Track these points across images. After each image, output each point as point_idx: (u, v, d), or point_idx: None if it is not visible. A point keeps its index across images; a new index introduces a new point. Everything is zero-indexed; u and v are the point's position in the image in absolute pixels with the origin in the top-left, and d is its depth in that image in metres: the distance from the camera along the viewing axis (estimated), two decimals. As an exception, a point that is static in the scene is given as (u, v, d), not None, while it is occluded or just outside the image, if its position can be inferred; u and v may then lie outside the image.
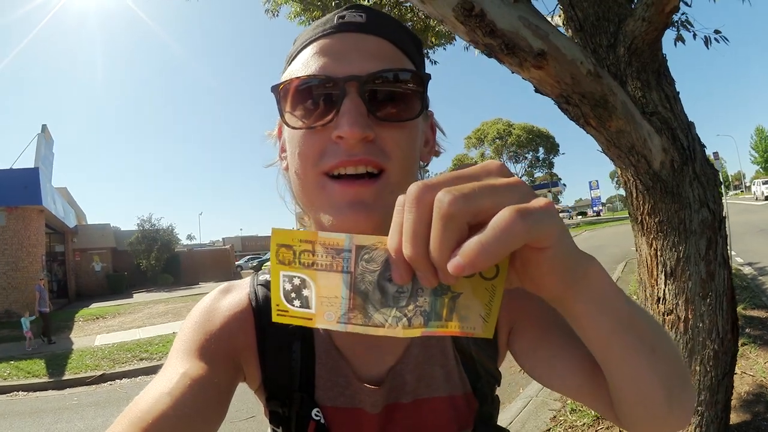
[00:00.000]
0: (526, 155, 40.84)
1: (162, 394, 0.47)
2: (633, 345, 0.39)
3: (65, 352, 8.62)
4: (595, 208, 55.63)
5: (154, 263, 24.58)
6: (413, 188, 0.31)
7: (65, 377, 7.10)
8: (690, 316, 2.18)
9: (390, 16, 0.58)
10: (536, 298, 0.42)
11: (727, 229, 2.27)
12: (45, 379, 7.03)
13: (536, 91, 1.64)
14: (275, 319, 0.36)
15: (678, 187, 2.08)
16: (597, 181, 51.07)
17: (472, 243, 0.28)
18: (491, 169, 0.32)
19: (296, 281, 0.35)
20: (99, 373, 7.12)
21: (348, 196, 0.49)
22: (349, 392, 0.58)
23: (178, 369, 0.52)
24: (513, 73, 1.54)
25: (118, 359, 7.87)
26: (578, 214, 63.22)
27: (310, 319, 0.36)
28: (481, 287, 0.34)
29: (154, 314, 12.82)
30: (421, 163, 0.58)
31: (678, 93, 2.30)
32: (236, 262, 30.10)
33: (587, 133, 1.79)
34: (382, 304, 0.35)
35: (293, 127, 0.51)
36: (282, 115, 0.52)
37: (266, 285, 0.62)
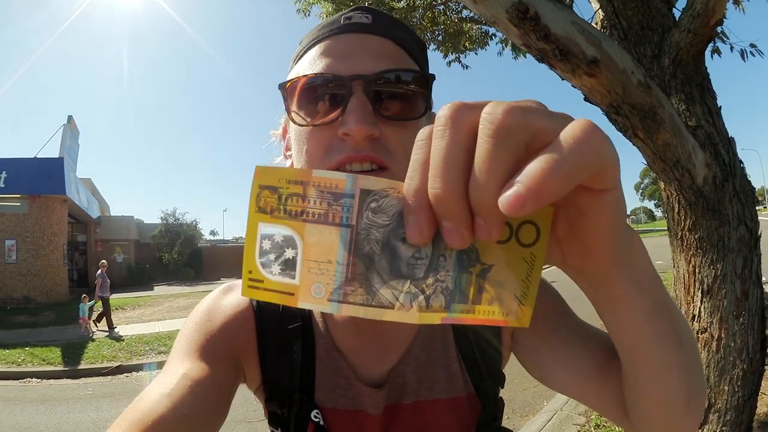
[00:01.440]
0: None
1: (162, 396, 0.47)
2: (665, 334, 0.36)
3: (82, 342, 8.65)
4: None
5: (176, 257, 24.81)
6: (445, 108, 0.25)
7: (80, 367, 7.11)
8: (723, 335, 2.14)
9: (395, 18, 0.59)
10: (540, 294, 0.39)
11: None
12: (60, 368, 7.06)
13: (585, 99, 1.62)
14: (245, 293, 0.27)
15: (719, 203, 2.04)
16: None
17: (540, 161, 0.21)
18: (530, 102, 0.25)
19: (278, 238, 0.26)
20: (116, 364, 7.15)
21: None
22: (350, 394, 0.57)
23: (179, 370, 0.52)
24: (563, 79, 1.53)
25: (135, 351, 7.88)
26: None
27: (292, 294, 0.26)
28: (517, 257, 0.26)
29: (175, 308, 12.81)
30: None
31: (720, 107, 2.26)
32: (258, 259, 30.45)
33: (634, 144, 1.77)
34: (392, 275, 0.26)
35: (300, 125, 0.51)
36: (288, 113, 0.53)
37: None
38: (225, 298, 0.62)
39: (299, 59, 0.56)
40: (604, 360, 0.52)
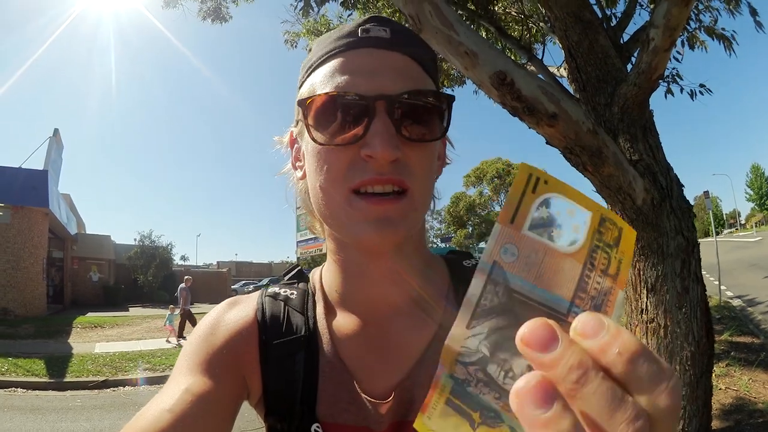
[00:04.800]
0: None
1: (163, 411, 0.47)
2: None
3: (65, 356, 8.52)
4: None
5: (151, 279, 24.62)
6: None
7: (66, 379, 7.06)
8: (669, 323, 2.59)
9: (411, 30, 0.59)
10: None
11: (718, 262, 2.65)
12: (45, 379, 6.98)
13: (547, 143, 2.12)
14: None
15: (657, 219, 2.54)
16: None
17: None
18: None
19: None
20: (102, 378, 7.17)
21: (376, 214, 0.49)
22: (353, 408, 0.55)
23: (181, 385, 0.51)
24: (530, 128, 2.02)
25: (120, 367, 7.86)
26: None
27: None
28: None
29: (152, 328, 12.74)
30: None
31: (660, 143, 2.81)
32: (232, 287, 30.20)
33: (585, 176, 2.27)
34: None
35: (320, 143, 0.50)
36: (308, 129, 0.51)
37: (275, 297, 0.62)
38: (229, 312, 0.61)
39: (313, 70, 0.55)
40: None
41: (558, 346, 0.21)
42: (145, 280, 24.59)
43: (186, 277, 12.14)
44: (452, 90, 6.50)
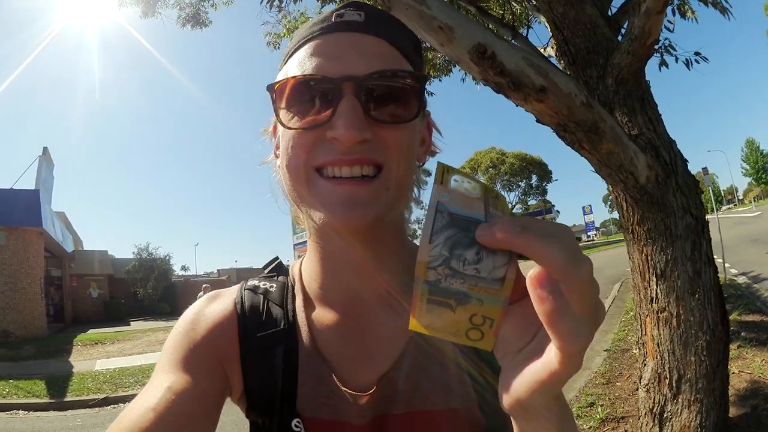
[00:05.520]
0: (520, 183, 41.16)
1: (146, 410, 0.47)
2: None
3: (65, 375, 8.51)
4: (589, 233, 55.73)
5: (151, 292, 24.53)
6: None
7: (67, 399, 7.01)
8: (681, 311, 2.40)
9: (389, 14, 0.58)
10: None
11: (721, 239, 2.49)
12: (46, 400, 6.95)
13: (537, 121, 1.92)
14: None
15: (663, 197, 2.34)
16: (590, 205, 50.48)
17: None
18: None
19: None
20: (102, 396, 7.09)
21: (340, 195, 0.48)
22: (332, 402, 0.53)
23: (163, 383, 0.51)
24: (517, 105, 1.81)
25: (120, 384, 7.81)
26: (573, 240, 63.40)
27: None
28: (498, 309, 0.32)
29: (153, 342, 12.72)
30: (418, 162, 0.58)
31: (660, 115, 2.60)
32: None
33: (582, 156, 2.06)
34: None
35: (288, 127, 0.50)
36: (276, 114, 0.51)
37: (254, 290, 0.61)
38: (209, 306, 0.60)
39: (289, 58, 0.55)
40: None
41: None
42: (145, 293, 24.47)
43: (204, 285, 12.27)
44: (439, 80, 6.34)
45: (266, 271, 0.67)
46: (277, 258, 0.69)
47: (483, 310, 0.31)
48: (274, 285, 0.62)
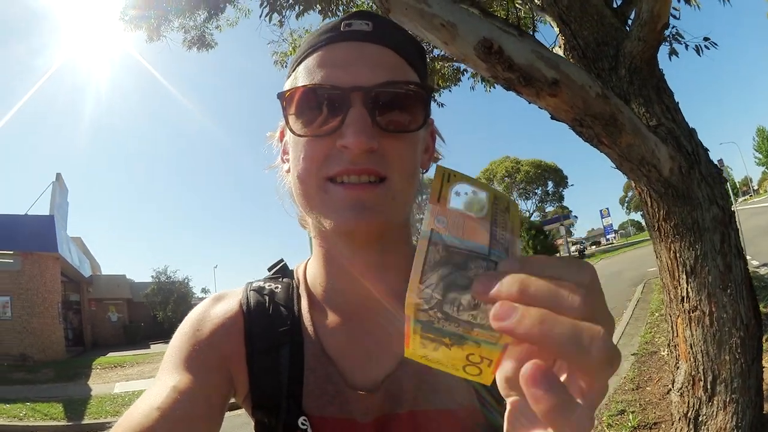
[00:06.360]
0: (536, 191, 40.59)
1: (151, 409, 0.47)
2: None
3: (84, 398, 8.57)
4: (608, 236, 54.71)
5: (170, 315, 24.69)
6: None
7: (84, 421, 7.04)
8: (714, 309, 2.26)
9: (397, 24, 0.59)
10: None
11: (741, 231, 2.36)
12: (63, 423, 7.00)
13: (552, 118, 1.82)
14: None
15: (688, 189, 2.22)
16: (608, 208, 48.37)
17: None
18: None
19: None
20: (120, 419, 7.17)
21: (350, 199, 0.49)
22: (339, 401, 0.54)
23: (168, 382, 0.51)
24: (530, 103, 1.72)
25: (138, 407, 7.89)
26: (592, 245, 62.48)
27: None
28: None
29: None
30: (421, 169, 0.59)
31: (678, 103, 2.48)
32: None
33: (601, 151, 1.95)
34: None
35: (298, 135, 0.51)
36: (287, 122, 0.52)
37: (259, 291, 0.62)
38: (215, 306, 0.61)
39: (297, 65, 0.56)
40: None
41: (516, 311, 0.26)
42: (165, 315, 24.68)
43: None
44: (449, 90, 6.28)
45: (271, 272, 0.67)
46: (282, 260, 0.69)
47: (480, 351, 0.29)
48: (279, 286, 0.62)
